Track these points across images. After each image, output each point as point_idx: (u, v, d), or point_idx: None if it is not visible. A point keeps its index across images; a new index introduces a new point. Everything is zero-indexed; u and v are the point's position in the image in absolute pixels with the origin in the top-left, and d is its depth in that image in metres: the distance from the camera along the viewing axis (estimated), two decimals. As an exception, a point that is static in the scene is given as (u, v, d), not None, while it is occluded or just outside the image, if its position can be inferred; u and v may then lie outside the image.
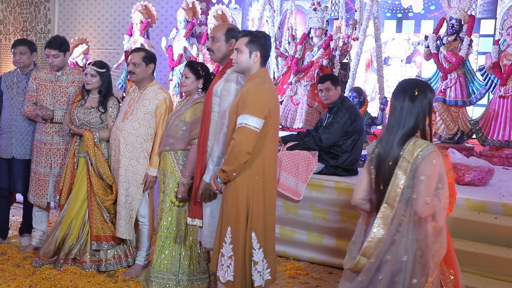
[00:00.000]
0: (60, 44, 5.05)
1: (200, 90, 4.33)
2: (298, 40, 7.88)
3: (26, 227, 5.43)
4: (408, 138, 2.87)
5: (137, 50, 4.79)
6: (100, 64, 4.83)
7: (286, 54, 8.09)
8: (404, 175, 2.83)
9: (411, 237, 2.85)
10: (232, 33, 3.89)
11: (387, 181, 2.88)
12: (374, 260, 2.88)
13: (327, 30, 7.75)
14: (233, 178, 3.49)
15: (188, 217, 4.05)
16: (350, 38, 7.73)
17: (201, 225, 3.92)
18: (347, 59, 7.91)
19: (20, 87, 5.20)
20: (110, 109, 4.78)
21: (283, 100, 7.69)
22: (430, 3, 9.38)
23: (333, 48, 7.55)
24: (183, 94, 4.51)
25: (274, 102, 3.55)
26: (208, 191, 3.73)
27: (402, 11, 9.63)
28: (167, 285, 4.29)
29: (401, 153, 2.85)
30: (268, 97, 3.50)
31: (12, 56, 5.29)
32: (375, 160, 2.96)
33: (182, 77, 4.37)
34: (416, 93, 2.87)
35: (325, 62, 7.48)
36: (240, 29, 3.97)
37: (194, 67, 4.33)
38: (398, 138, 2.88)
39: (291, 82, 7.68)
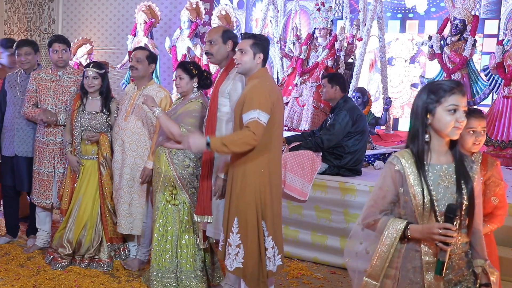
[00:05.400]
0: (67, 40, 5.13)
1: (195, 89, 4.35)
2: (303, 41, 7.88)
3: (32, 229, 5.43)
4: None
5: (141, 48, 4.84)
6: (98, 65, 4.85)
7: (291, 54, 8.08)
8: None
9: None
10: (228, 34, 4.05)
11: None
12: None
13: (331, 30, 7.74)
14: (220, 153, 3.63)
15: (195, 214, 4.09)
16: (354, 38, 7.72)
17: (211, 221, 4.02)
18: (352, 58, 7.89)
19: (23, 86, 5.21)
20: (116, 113, 4.80)
21: (288, 102, 7.69)
22: (434, 3, 9.36)
23: (337, 48, 7.54)
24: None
25: (275, 98, 3.67)
26: (223, 187, 3.86)
27: (406, 11, 9.61)
28: (168, 284, 4.31)
29: None
30: (270, 93, 3.63)
31: (16, 56, 5.28)
32: None
33: (176, 79, 4.38)
34: None
35: (330, 63, 7.47)
36: (239, 30, 4.09)
37: (187, 67, 4.34)
38: None
39: (296, 84, 7.67)
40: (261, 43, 3.70)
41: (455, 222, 2.41)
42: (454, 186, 2.50)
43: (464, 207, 2.49)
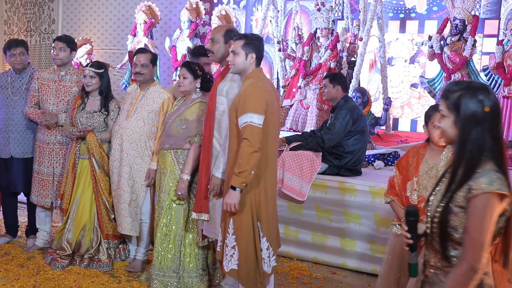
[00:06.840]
0: (69, 40, 5.11)
1: (198, 89, 4.36)
2: (305, 40, 7.87)
3: (32, 229, 5.42)
4: None
5: (143, 51, 4.81)
6: (97, 64, 4.84)
7: (294, 55, 8.05)
8: None
9: None
10: (231, 34, 4.05)
11: None
12: None
13: (333, 30, 7.73)
14: (251, 179, 3.56)
15: (193, 212, 4.10)
16: (356, 38, 7.70)
17: (208, 219, 4.01)
18: (354, 57, 7.87)
19: (14, 87, 5.18)
20: (112, 112, 4.81)
21: (293, 104, 7.70)
22: (433, 4, 9.35)
23: (340, 49, 7.53)
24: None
25: (269, 98, 3.67)
26: (219, 186, 3.85)
27: (405, 12, 9.61)
28: (169, 283, 4.31)
29: None
30: (263, 93, 3.64)
31: (9, 57, 5.22)
32: None
33: (179, 77, 4.39)
34: None
35: (332, 65, 7.46)
36: (239, 30, 4.09)
37: (192, 67, 4.36)
38: None
39: (300, 86, 7.67)
40: (252, 42, 3.71)
41: (419, 225, 2.31)
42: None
43: (435, 221, 2.25)
